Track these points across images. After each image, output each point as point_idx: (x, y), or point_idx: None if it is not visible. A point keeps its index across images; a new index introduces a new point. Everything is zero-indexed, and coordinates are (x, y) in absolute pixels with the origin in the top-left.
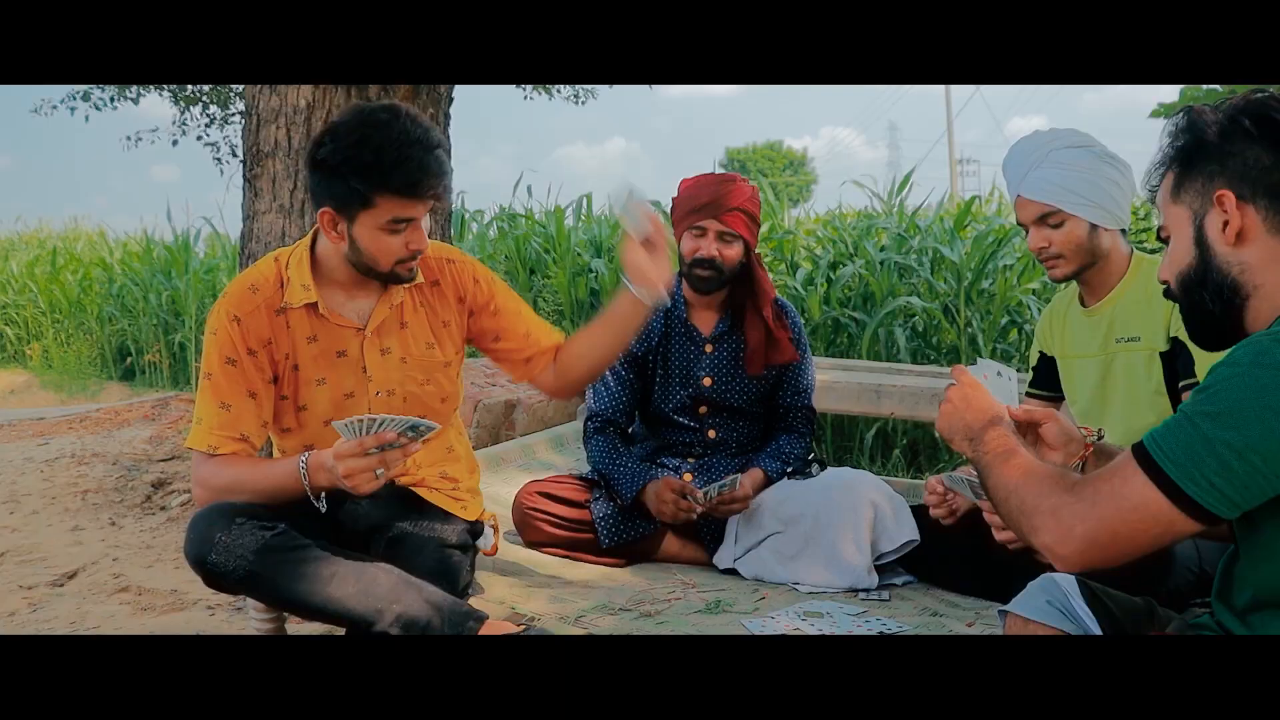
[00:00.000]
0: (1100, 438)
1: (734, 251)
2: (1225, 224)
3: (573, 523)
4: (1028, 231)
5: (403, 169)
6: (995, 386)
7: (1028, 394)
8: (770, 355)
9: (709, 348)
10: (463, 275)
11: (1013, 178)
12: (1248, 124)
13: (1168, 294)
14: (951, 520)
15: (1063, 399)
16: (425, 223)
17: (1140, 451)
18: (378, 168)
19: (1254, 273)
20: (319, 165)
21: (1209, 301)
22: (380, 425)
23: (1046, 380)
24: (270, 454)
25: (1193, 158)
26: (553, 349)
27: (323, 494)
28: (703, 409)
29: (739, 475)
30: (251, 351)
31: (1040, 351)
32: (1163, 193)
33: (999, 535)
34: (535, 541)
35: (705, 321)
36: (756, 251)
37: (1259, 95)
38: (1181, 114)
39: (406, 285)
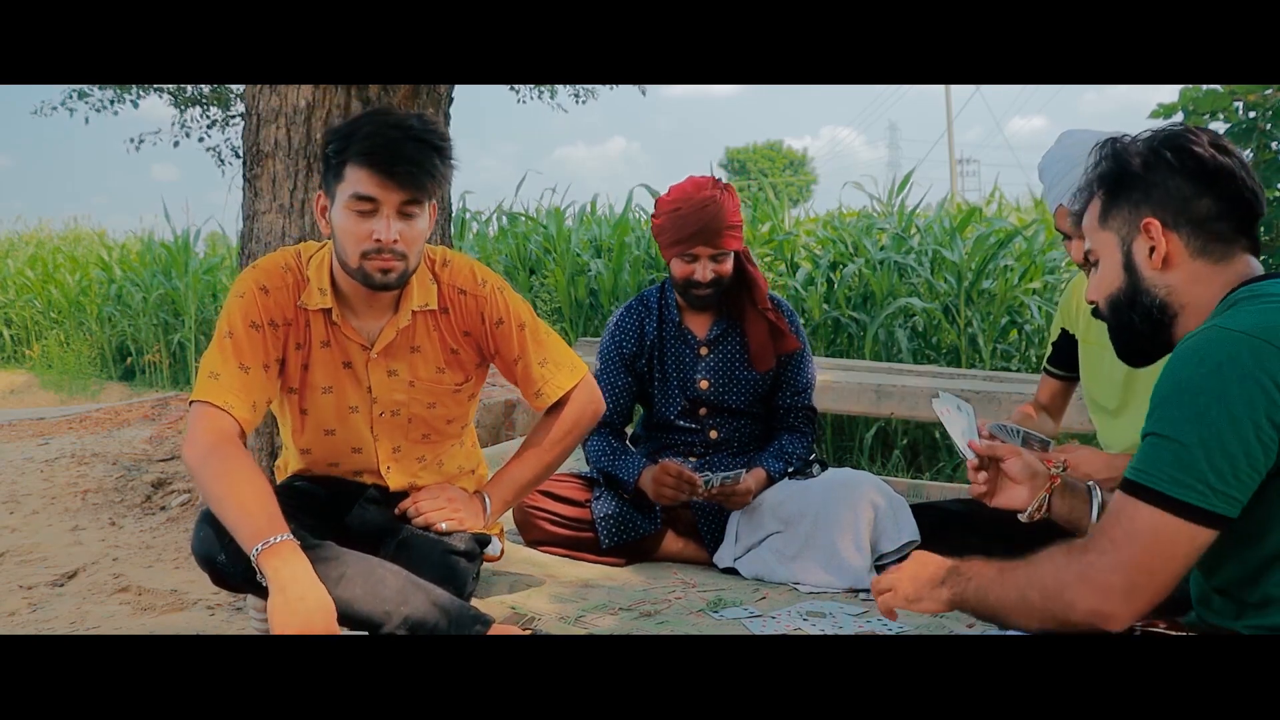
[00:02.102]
0: (1064, 469)
1: (728, 266)
2: (1152, 249)
3: (574, 521)
4: (1066, 238)
5: (372, 140)
6: (955, 420)
7: (1045, 371)
8: (777, 346)
9: (704, 350)
10: (470, 311)
11: (1050, 183)
12: (1169, 156)
13: (1096, 313)
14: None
15: (1077, 380)
16: (411, 227)
17: (1130, 486)
18: (350, 135)
19: (1179, 293)
20: (324, 140)
21: (1138, 322)
22: None
23: (1064, 359)
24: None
25: (1119, 186)
26: (549, 405)
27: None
28: (703, 410)
29: (743, 470)
30: (273, 324)
31: (1063, 328)
32: (1089, 218)
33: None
34: (536, 540)
35: (699, 325)
36: (745, 247)
37: (1178, 127)
38: (1107, 144)
39: (416, 309)
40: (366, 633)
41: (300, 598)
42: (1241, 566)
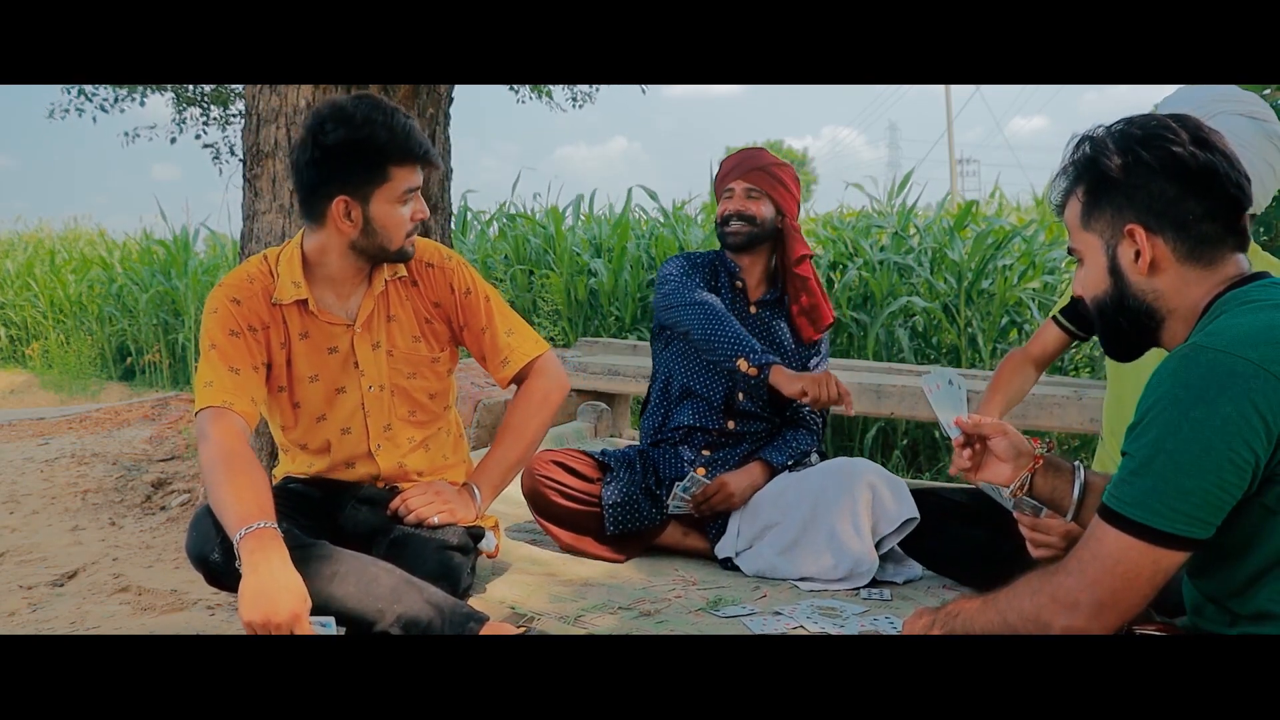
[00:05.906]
0: (1049, 450)
1: (761, 207)
2: (1137, 254)
3: (583, 496)
4: None
5: (413, 137)
6: (946, 395)
7: (1053, 319)
8: (814, 317)
9: (754, 309)
10: (438, 283)
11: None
12: (1148, 158)
13: (1084, 308)
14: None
15: (1085, 339)
16: None
17: (1103, 509)
18: (393, 141)
19: (1168, 298)
20: (330, 151)
21: (1125, 325)
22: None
23: (1082, 317)
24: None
25: (1098, 189)
26: (515, 375)
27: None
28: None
29: (695, 474)
30: (252, 329)
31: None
32: (1071, 217)
33: (1036, 553)
34: (542, 511)
35: (754, 284)
36: (796, 223)
37: (1153, 124)
38: (1084, 142)
39: (388, 278)
40: (345, 630)
41: (270, 579)
42: (1229, 579)
